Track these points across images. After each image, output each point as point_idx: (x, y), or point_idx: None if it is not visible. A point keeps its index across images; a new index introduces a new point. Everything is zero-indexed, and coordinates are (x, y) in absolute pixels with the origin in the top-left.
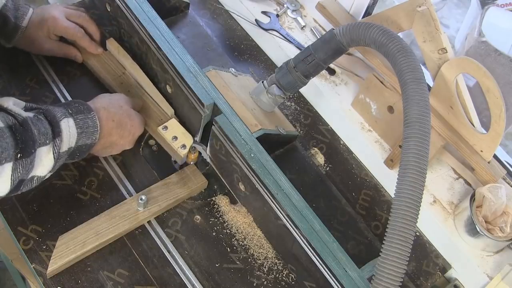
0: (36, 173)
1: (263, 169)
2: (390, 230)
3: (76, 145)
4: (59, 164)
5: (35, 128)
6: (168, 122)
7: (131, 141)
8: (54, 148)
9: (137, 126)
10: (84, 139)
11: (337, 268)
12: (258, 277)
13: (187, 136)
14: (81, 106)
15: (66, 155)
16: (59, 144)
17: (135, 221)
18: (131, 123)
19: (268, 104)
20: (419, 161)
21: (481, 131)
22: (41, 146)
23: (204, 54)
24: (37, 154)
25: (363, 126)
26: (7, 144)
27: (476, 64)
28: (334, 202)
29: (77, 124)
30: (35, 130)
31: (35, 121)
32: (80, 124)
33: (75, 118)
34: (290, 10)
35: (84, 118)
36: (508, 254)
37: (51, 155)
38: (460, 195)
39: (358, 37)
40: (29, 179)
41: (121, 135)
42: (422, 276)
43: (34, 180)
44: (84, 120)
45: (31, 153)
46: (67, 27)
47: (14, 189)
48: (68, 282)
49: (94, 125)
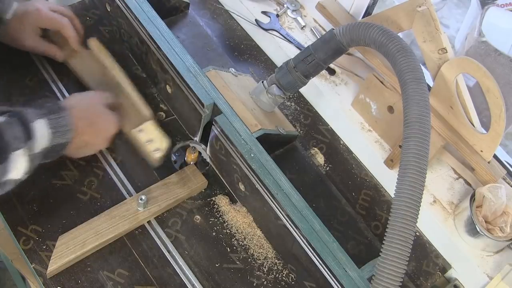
0: (11, 177)
1: (263, 169)
2: (390, 230)
3: (50, 145)
4: (34, 165)
5: (7, 133)
6: (144, 125)
7: (105, 140)
8: (28, 151)
9: (110, 125)
10: (58, 138)
11: (337, 268)
12: (258, 277)
13: (163, 140)
14: (54, 106)
15: (40, 156)
16: (32, 147)
17: (135, 221)
18: (104, 122)
19: (268, 104)
20: (419, 161)
21: (481, 131)
22: (15, 151)
23: (204, 54)
24: (11, 159)
25: (363, 126)
26: None
27: (476, 64)
28: (334, 202)
29: (50, 124)
30: (7, 135)
31: (7, 126)
32: (53, 124)
33: (47, 118)
34: (290, 10)
35: (57, 118)
36: (508, 254)
37: (25, 157)
38: (460, 195)
39: (358, 37)
40: (3, 182)
41: (95, 134)
42: (422, 276)
43: (9, 183)
44: (57, 119)
45: (5, 158)
46: (51, 17)
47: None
48: (68, 282)
49: (68, 124)
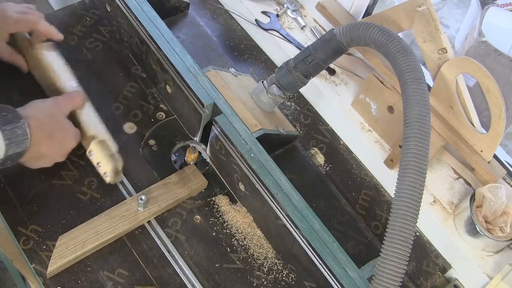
0: None
1: (263, 169)
2: (390, 230)
3: (5, 156)
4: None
5: None
6: (91, 146)
7: (62, 154)
8: None
9: (68, 139)
10: (13, 148)
11: (337, 268)
12: (258, 277)
13: (109, 163)
14: (10, 114)
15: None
16: None
17: (135, 221)
18: (63, 135)
19: (268, 104)
20: (419, 161)
21: (481, 131)
22: None
23: (204, 54)
24: None
25: (363, 126)
26: None
27: (476, 64)
28: (334, 202)
29: (5, 136)
30: None
31: None
32: (7, 136)
33: (2, 130)
34: (290, 10)
35: (12, 128)
36: (508, 254)
37: None
38: (460, 195)
39: (358, 37)
40: None
41: (51, 147)
42: (422, 276)
43: None
44: (12, 130)
45: None
46: (19, 18)
47: None
48: (68, 282)
49: (24, 134)
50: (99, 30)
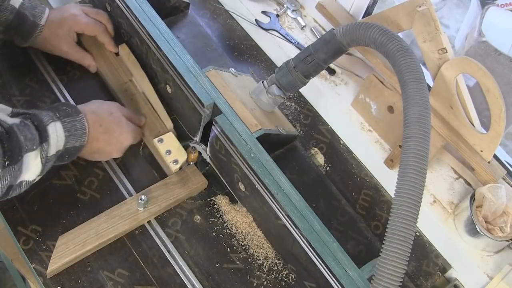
0: (24, 178)
1: (263, 169)
2: (390, 230)
3: (64, 148)
4: (48, 167)
5: (21, 134)
6: (165, 135)
7: (119, 150)
8: (41, 153)
9: (126, 135)
10: (72, 141)
11: (337, 268)
12: (258, 277)
13: (181, 152)
14: (69, 109)
15: (54, 158)
16: (46, 149)
17: (135, 221)
18: (120, 131)
19: (268, 104)
20: (419, 161)
21: (481, 131)
22: (28, 152)
23: (204, 54)
24: (24, 160)
25: (363, 126)
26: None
27: (476, 64)
28: (334, 202)
29: (65, 127)
30: (21, 137)
31: (21, 127)
32: (67, 127)
33: (62, 121)
34: (290, 10)
35: (72, 121)
36: (508, 254)
37: (38, 160)
38: (460, 195)
39: (358, 37)
40: (17, 184)
41: (108, 142)
42: (422, 276)
43: (23, 185)
44: (72, 122)
45: (18, 160)
46: (87, 23)
47: (3, 195)
48: (68, 282)
49: (82, 128)
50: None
